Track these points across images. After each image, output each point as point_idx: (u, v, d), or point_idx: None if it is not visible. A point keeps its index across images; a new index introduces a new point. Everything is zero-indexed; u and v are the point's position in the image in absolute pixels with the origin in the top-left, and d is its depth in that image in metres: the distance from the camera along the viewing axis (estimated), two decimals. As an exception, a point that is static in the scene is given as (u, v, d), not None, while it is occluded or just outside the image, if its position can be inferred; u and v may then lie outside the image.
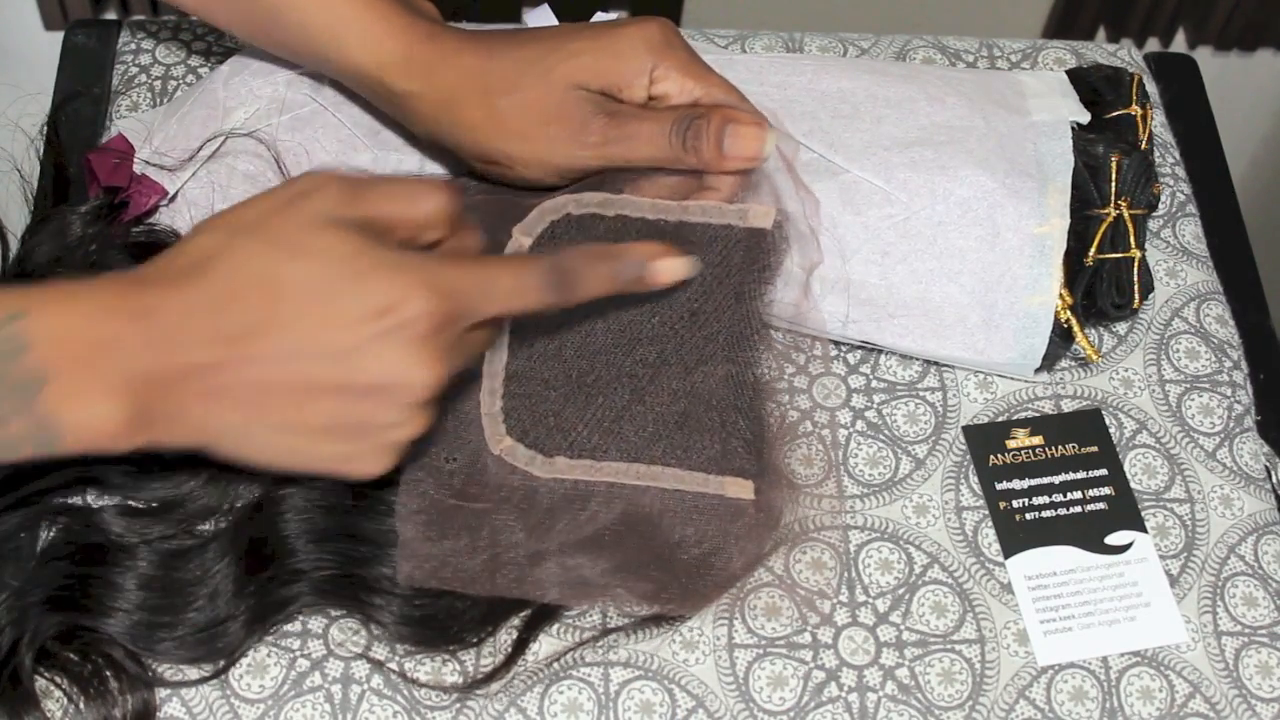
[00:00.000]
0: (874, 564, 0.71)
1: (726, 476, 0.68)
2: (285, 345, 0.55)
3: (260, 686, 0.65)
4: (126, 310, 0.55)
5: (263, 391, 0.56)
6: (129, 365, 0.55)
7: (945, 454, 0.74)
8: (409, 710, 0.65)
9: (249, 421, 0.57)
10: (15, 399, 0.54)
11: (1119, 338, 0.78)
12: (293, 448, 0.58)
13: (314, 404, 0.57)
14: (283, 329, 0.55)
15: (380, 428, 0.58)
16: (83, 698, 0.63)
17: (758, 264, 0.69)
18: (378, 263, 0.56)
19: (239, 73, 0.78)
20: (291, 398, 0.56)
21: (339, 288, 0.56)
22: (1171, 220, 0.82)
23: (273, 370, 0.56)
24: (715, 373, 0.69)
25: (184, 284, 0.56)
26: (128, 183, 0.75)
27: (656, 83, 0.69)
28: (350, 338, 0.56)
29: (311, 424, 0.57)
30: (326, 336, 0.56)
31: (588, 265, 0.63)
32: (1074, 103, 0.79)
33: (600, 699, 0.66)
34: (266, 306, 0.55)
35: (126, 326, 0.55)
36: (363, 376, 0.56)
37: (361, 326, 0.55)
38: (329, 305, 0.55)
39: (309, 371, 0.56)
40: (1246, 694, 0.68)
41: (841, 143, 0.75)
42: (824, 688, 0.67)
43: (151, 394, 0.56)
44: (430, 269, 0.57)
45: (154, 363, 0.55)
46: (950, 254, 0.74)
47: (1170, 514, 0.73)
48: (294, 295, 0.56)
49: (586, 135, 0.68)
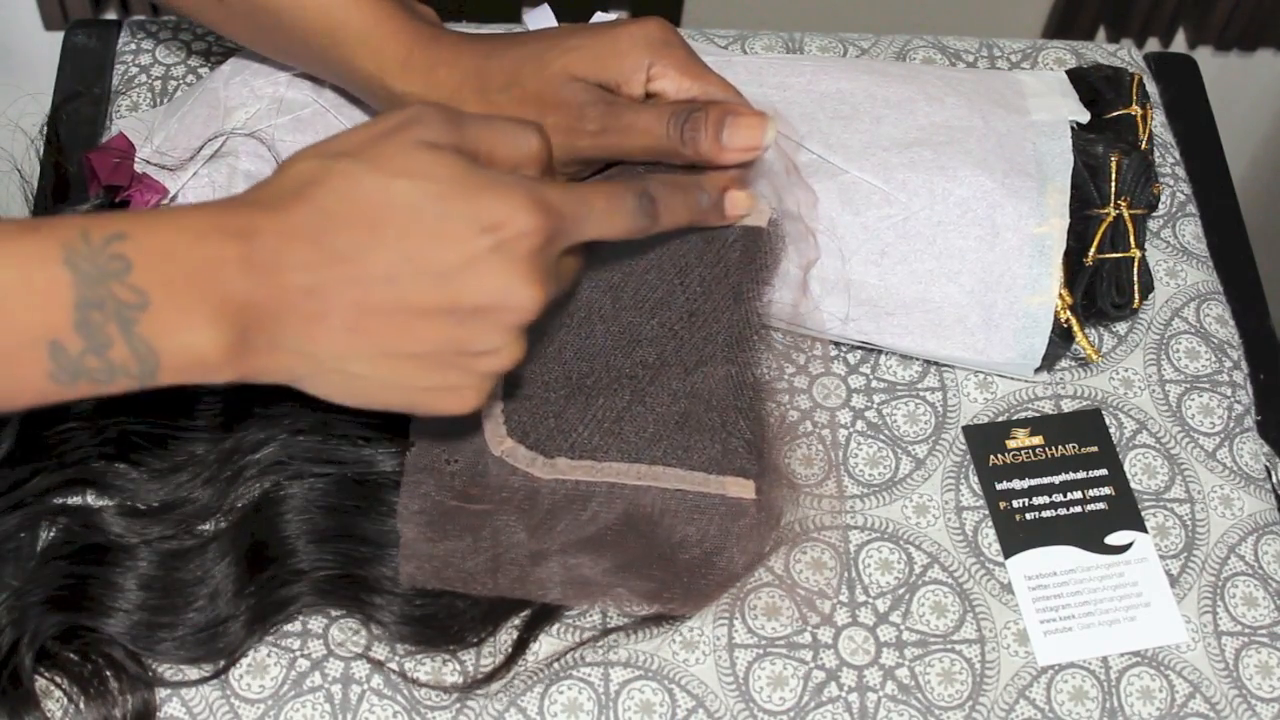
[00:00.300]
0: (874, 564, 0.71)
1: (727, 476, 0.68)
2: (389, 265, 0.54)
3: (260, 686, 0.65)
4: (228, 231, 0.54)
5: (365, 314, 0.55)
6: (230, 287, 0.54)
7: (945, 454, 0.74)
8: (409, 710, 0.65)
9: (350, 349, 0.56)
10: (119, 321, 0.53)
11: (1119, 338, 0.78)
12: (390, 379, 0.57)
13: (417, 327, 0.56)
14: (387, 248, 0.54)
15: (480, 355, 0.57)
16: (83, 697, 0.63)
17: (755, 263, 0.69)
18: (483, 181, 0.56)
19: (240, 73, 0.78)
20: (394, 320, 0.55)
21: (444, 206, 0.55)
22: (1171, 220, 0.82)
23: (376, 292, 0.55)
24: (715, 373, 0.69)
25: (286, 206, 0.55)
26: (128, 182, 0.75)
27: (654, 80, 0.69)
28: (456, 255, 0.55)
29: (413, 349, 0.56)
30: (432, 254, 0.55)
31: (672, 194, 0.64)
32: (1074, 102, 0.79)
33: (600, 699, 0.66)
34: (370, 227, 0.55)
35: (228, 247, 0.54)
36: (469, 295, 0.55)
37: (467, 243, 0.55)
38: (435, 223, 0.55)
39: (413, 292, 0.55)
40: (1246, 694, 0.68)
41: (840, 143, 0.75)
42: (824, 688, 0.67)
43: (252, 318, 0.54)
44: (533, 187, 0.57)
45: (255, 284, 0.54)
46: (950, 254, 0.74)
47: (1170, 514, 0.73)
48: (398, 214, 0.55)
49: (583, 124, 0.68)
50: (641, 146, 0.68)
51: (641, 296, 0.70)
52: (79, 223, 0.53)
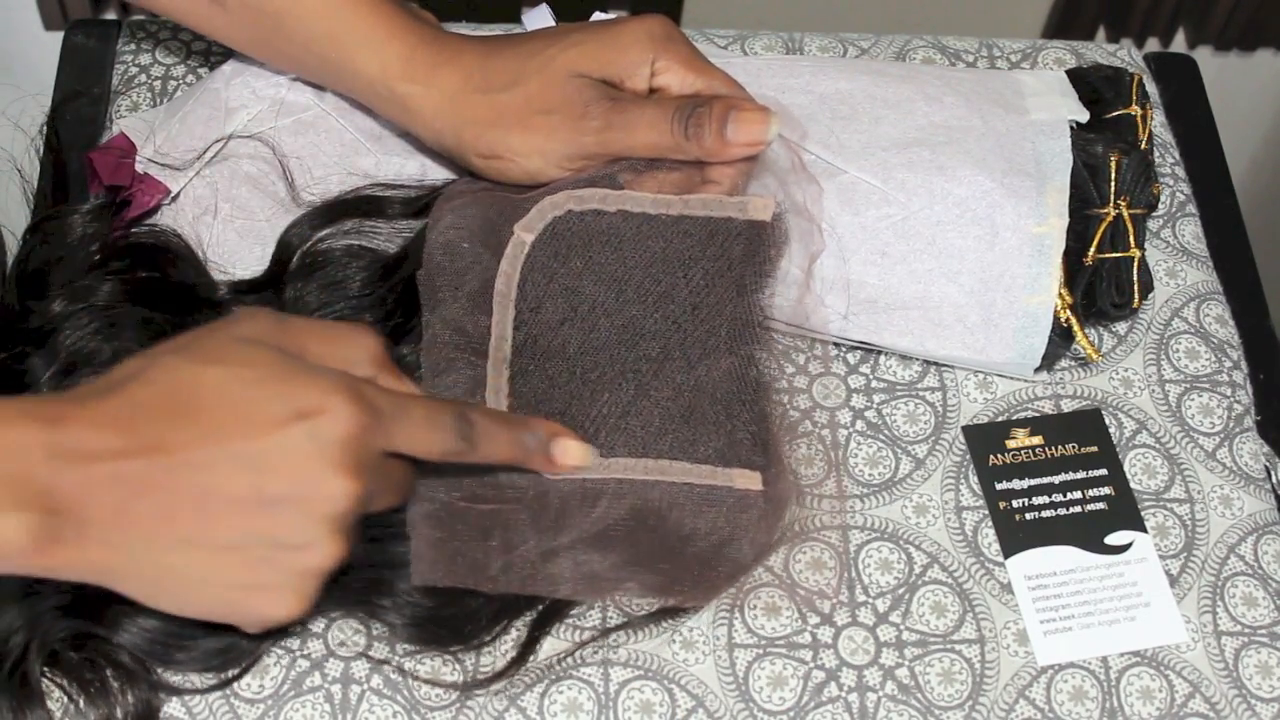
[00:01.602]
0: (874, 564, 0.71)
1: (734, 469, 0.68)
2: (196, 451, 0.54)
3: (260, 686, 0.65)
4: (36, 416, 0.53)
5: (173, 501, 0.54)
6: (34, 473, 0.53)
7: (945, 454, 0.74)
8: (409, 710, 0.65)
9: (158, 538, 0.54)
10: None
11: (1119, 337, 0.78)
12: (204, 575, 0.55)
13: (226, 515, 0.54)
14: (195, 434, 0.54)
15: (293, 549, 0.55)
16: (83, 696, 0.63)
17: (758, 257, 0.69)
18: (299, 369, 0.55)
19: (241, 73, 0.78)
20: (203, 508, 0.54)
21: (257, 390, 0.54)
22: (1171, 220, 0.82)
23: (184, 478, 0.54)
24: (719, 366, 0.69)
25: (99, 397, 0.54)
26: (130, 182, 0.75)
27: (658, 74, 0.69)
28: (266, 440, 0.54)
29: (219, 540, 0.55)
30: (242, 440, 0.54)
31: (493, 425, 0.62)
32: (1073, 102, 0.78)
33: (600, 699, 0.66)
34: (180, 412, 0.54)
35: (34, 433, 0.53)
36: (276, 483, 0.54)
37: (277, 429, 0.54)
38: (246, 408, 0.54)
39: (222, 478, 0.54)
40: (1246, 694, 0.68)
41: (840, 143, 0.75)
42: (824, 688, 0.67)
43: (58, 505, 0.53)
44: (351, 379, 0.56)
45: (60, 471, 0.53)
46: (949, 254, 0.74)
47: (1170, 514, 0.73)
48: (209, 399, 0.54)
49: (587, 120, 0.68)
50: (645, 143, 0.68)
51: (645, 290, 0.70)
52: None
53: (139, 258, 0.71)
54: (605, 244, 0.70)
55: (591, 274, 0.70)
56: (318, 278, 0.71)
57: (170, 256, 0.72)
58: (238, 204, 0.75)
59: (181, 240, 0.73)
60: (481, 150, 0.70)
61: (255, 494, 0.54)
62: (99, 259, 0.71)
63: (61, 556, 0.54)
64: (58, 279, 0.71)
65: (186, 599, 0.57)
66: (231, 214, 0.75)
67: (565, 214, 0.70)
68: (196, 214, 0.75)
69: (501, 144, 0.69)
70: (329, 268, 0.72)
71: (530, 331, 0.70)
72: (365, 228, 0.74)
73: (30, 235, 0.73)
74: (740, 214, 0.69)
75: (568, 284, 0.70)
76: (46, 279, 0.71)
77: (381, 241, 0.74)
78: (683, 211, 0.70)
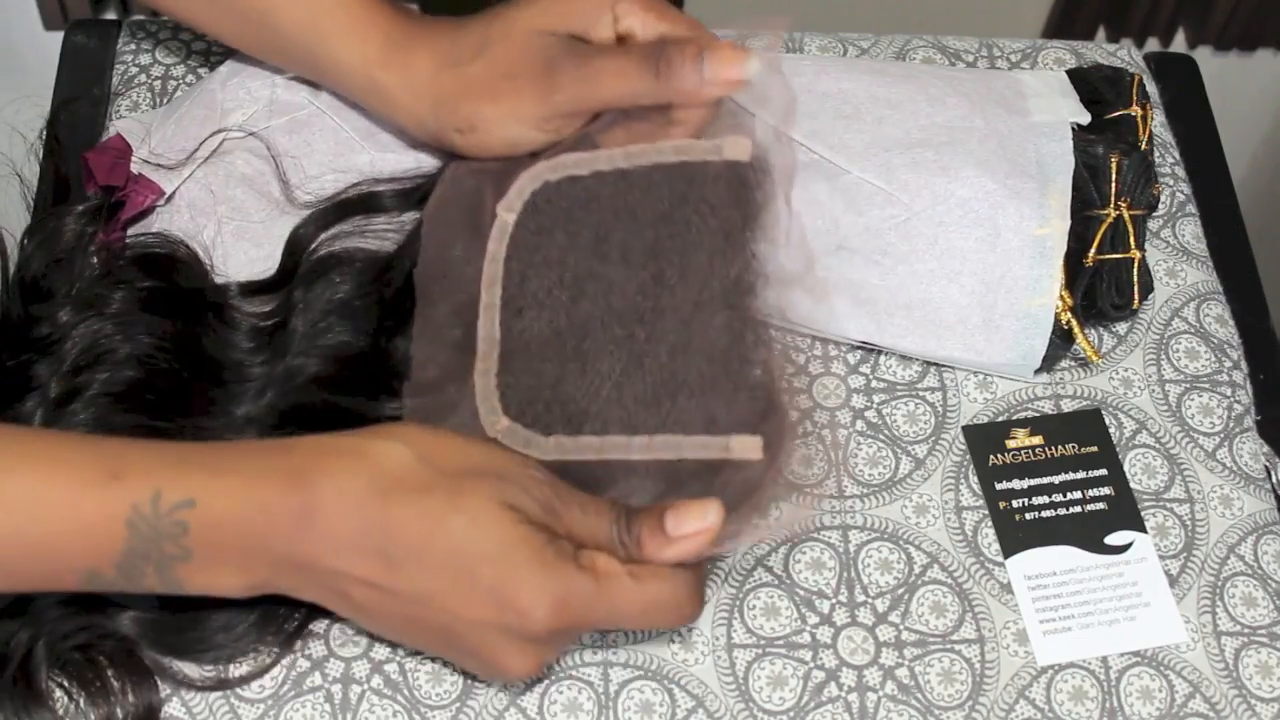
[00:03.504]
0: (874, 564, 0.71)
1: (732, 436, 0.64)
2: (420, 589, 0.59)
3: (260, 686, 0.65)
4: (287, 512, 0.58)
5: (379, 609, 0.60)
6: (271, 552, 0.59)
7: (945, 454, 0.74)
8: (409, 710, 0.65)
9: (362, 616, 0.62)
10: (158, 567, 0.58)
11: (1119, 338, 0.78)
12: (402, 640, 0.65)
13: (421, 636, 0.62)
14: (418, 573, 0.59)
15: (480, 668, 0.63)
16: (83, 695, 0.63)
17: (741, 198, 0.66)
18: (528, 561, 0.58)
19: (237, 74, 0.78)
20: (403, 622, 0.61)
21: (482, 568, 0.58)
22: (1171, 220, 0.82)
23: (392, 603, 0.60)
24: (714, 321, 0.65)
25: (350, 495, 0.59)
26: (124, 182, 0.75)
27: (621, 20, 0.67)
28: (472, 613, 0.59)
29: (417, 640, 0.63)
30: (453, 599, 0.59)
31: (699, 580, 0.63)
32: (1074, 103, 0.79)
33: (600, 699, 0.66)
34: (415, 549, 0.58)
35: (283, 525, 0.58)
36: (468, 643, 0.60)
37: (484, 608, 0.58)
38: (467, 577, 0.58)
39: (426, 616, 0.60)
40: (1246, 694, 0.68)
41: (842, 144, 0.75)
42: (824, 688, 0.67)
43: (281, 573, 0.60)
44: (566, 582, 0.59)
45: (294, 554, 0.59)
46: (951, 255, 0.74)
47: (1170, 514, 0.73)
48: (442, 551, 0.58)
49: (554, 77, 0.66)
50: (617, 91, 0.66)
51: (629, 249, 0.67)
52: (157, 481, 0.57)
53: (146, 266, 0.71)
54: (585, 209, 0.68)
55: (575, 243, 0.68)
56: (323, 283, 0.72)
57: (178, 265, 0.72)
58: (233, 204, 0.75)
59: (189, 248, 0.73)
60: (459, 125, 0.69)
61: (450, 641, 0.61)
62: (103, 268, 0.71)
63: (269, 592, 0.61)
64: (58, 282, 0.71)
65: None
66: (227, 215, 0.75)
67: (542, 186, 0.68)
68: (192, 214, 0.75)
69: (476, 115, 0.68)
70: (333, 273, 0.72)
71: (517, 308, 0.67)
72: (368, 226, 0.74)
73: (28, 238, 0.73)
74: (716, 156, 0.66)
75: (552, 257, 0.68)
76: (46, 282, 0.71)
77: (385, 239, 0.74)
78: (656, 160, 0.67)
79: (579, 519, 0.61)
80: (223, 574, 0.59)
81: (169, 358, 0.69)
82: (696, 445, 0.64)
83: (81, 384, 0.68)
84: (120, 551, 0.57)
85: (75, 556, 0.57)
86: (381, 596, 0.59)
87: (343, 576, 0.59)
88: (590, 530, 0.60)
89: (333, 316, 0.71)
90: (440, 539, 0.58)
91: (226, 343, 0.71)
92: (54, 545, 0.57)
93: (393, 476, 0.59)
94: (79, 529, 0.57)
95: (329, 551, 0.59)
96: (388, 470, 0.59)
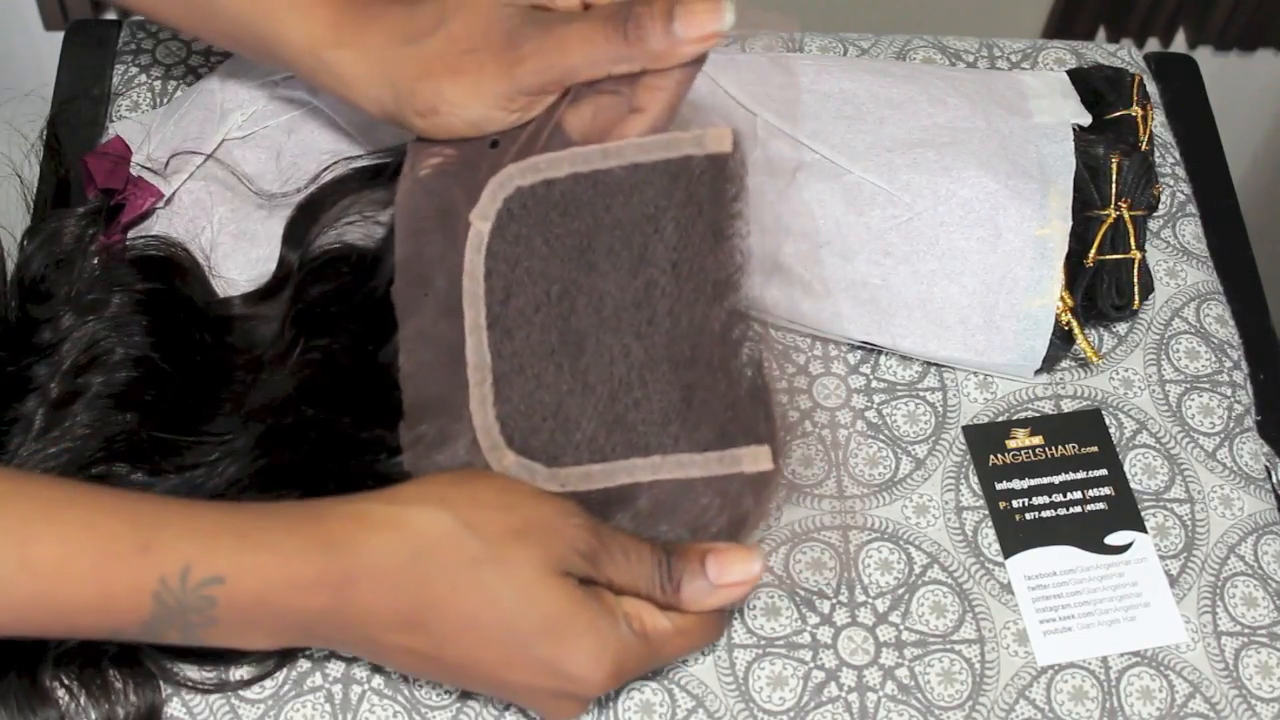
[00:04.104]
0: (874, 564, 0.71)
1: (741, 449, 0.62)
2: (462, 656, 0.58)
3: (261, 686, 0.65)
4: (322, 588, 0.57)
5: (421, 668, 0.60)
6: (302, 624, 0.58)
7: (945, 454, 0.74)
8: (409, 710, 0.65)
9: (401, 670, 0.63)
10: (183, 632, 0.57)
11: (1119, 338, 0.78)
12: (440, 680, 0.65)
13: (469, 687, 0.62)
14: (467, 645, 0.58)
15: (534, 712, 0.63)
16: (84, 694, 0.63)
17: (727, 194, 0.62)
18: (578, 630, 0.57)
19: (235, 74, 0.78)
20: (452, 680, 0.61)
21: (535, 641, 0.57)
22: (1171, 220, 0.82)
23: (438, 667, 0.59)
24: (710, 326, 0.63)
25: (390, 572, 0.57)
26: (124, 185, 0.75)
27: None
28: (526, 680, 0.58)
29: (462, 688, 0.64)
30: (505, 669, 0.58)
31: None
32: (1075, 104, 0.79)
33: (600, 699, 0.66)
34: (463, 623, 0.57)
35: (317, 601, 0.57)
36: (519, 700, 0.60)
37: (540, 678, 0.58)
38: (520, 651, 0.57)
39: (475, 677, 0.59)
40: (1246, 694, 0.68)
41: (845, 144, 0.75)
42: (824, 688, 0.67)
43: (313, 637, 0.59)
44: (620, 648, 0.58)
45: (329, 623, 0.58)
46: (952, 255, 0.74)
47: (1170, 514, 0.73)
48: (492, 624, 0.57)
49: (517, 50, 0.61)
50: (585, 59, 0.61)
51: (617, 256, 0.63)
52: (187, 554, 0.55)
53: (145, 269, 0.71)
54: (564, 215, 0.64)
55: (558, 253, 0.64)
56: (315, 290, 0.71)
57: (176, 268, 0.72)
58: (232, 206, 0.75)
59: (188, 254, 0.73)
60: (419, 107, 0.64)
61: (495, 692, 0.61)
62: (102, 270, 0.71)
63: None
64: (57, 284, 0.71)
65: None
66: (226, 216, 0.75)
67: (515, 191, 0.64)
68: (191, 216, 0.75)
69: (436, 96, 0.63)
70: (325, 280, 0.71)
71: (506, 329, 0.64)
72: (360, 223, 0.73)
73: (27, 240, 0.73)
74: (699, 149, 0.62)
75: (535, 269, 0.64)
76: (46, 285, 0.71)
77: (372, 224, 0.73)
78: (636, 159, 0.63)
79: (622, 565, 0.59)
80: (249, 638, 0.58)
81: (166, 360, 0.69)
82: (708, 462, 0.62)
83: (81, 385, 0.68)
84: (144, 620, 0.56)
85: (99, 620, 0.56)
86: (425, 662, 0.59)
87: (382, 645, 0.58)
88: (633, 577, 0.59)
89: (324, 325, 0.71)
90: (490, 613, 0.57)
91: (222, 349, 0.71)
92: (78, 610, 0.56)
93: (433, 550, 0.57)
94: (104, 598, 0.55)
95: (367, 624, 0.57)
96: (429, 543, 0.57)
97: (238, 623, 0.57)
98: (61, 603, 0.55)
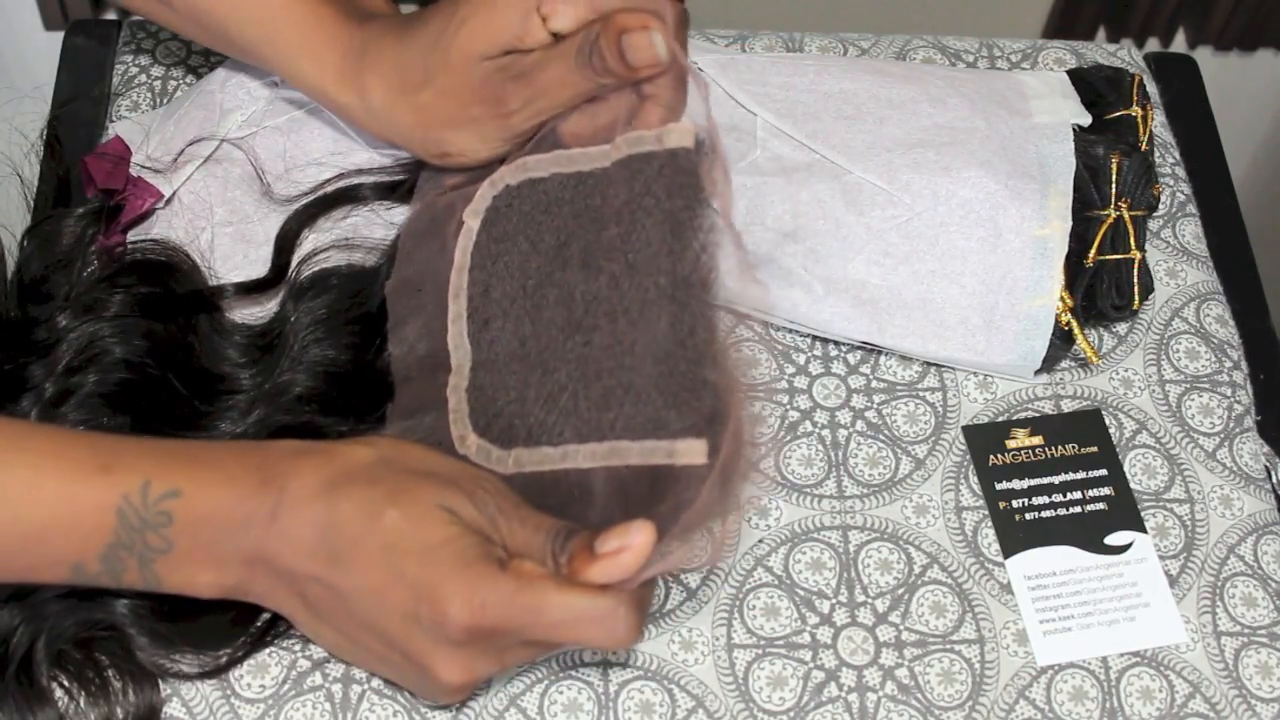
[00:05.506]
0: (873, 564, 0.71)
1: (678, 441, 0.61)
2: (358, 584, 0.60)
3: (260, 686, 0.65)
4: (259, 509, 0.60)
5: (330, 610, 0.62)
6: (243, 551, 0.60)
7: (945, 454, 0.74)
8: (409, 710, 0.65)
9: (319, 622, 0.63)
10: (140, 560, 0.60)
11: (1119, 338, 0.78)
12: (354, 655, 0.64)
13: (365, 639, 0.62)
14: (356, 568, 0.60)
15: (419, 682, 0.63)
16: (83, 694, 0.63)
17: (685, 188, 0.63)
18: (451, 560, 0.59)
19: (236, 74, 0.78)
20: (349, 624, 0.62)
21: (407, 562, 0.59)
22: (1171, 220, 0.82)
23: (337, 601, 0.61)
24: (660, 321, 0.62)
25: (308, 491, 0.60)
26: (124, 185, 0.75)
27: (549, 19, 0.65)
28: (397, 606, 0.59)
29: (365, 651, 0.63)
30: (383, 596, 0.60)
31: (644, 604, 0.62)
32: (1075, 104, 0.79)
33: (600, 699, 0.66)
34: (354, 542, 0.60)
35: (255, 522, 0.60)
36: (400, 645, 0.61)
37: (406, 602, 0.59)
38: (394, 572, 0.59)
39: (365, 614, 0.61)
40: (1246, 694, 0.68)
41: (845, 144, 0.75)
42: (824, 688, 0.67)
43: (253, 574, 0.61)
44: (496, 599, 0.58)
45: (262, 553, 0.60)
46: (952, 255, 0.74)
47: (1170, 514, 0.73)
48: (376, 545, 0.59)
49: (506, 105, 0.66)
50: (568, 97, 0.66)
51: (589, 253, 0.65)
52: (146, 472, 0.59)
53: (144, 272, 0.71)
54: (545, 213, 0.67)
55: (538, 249, 0.67)
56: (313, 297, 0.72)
57: (175, 271, 0.72)
58: (232, 207, 0.75)
59: (188, 257, 0.73)
60: (431, 152, 0.70)
61: (388, 640, 0.61)
62: (101, 271, 0.71)
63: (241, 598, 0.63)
64: (57, 285, 0.71)
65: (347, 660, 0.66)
66: (226, 217, 0.75)
67: (503, 190, 0.68)
68: (191, 217, 0.75)
69: (444, 144, 0.69)
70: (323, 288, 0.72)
71: (484, 319, 0.67)
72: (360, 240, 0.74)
73: (27, 240, 0.73)
74: (658, 145, 0.63)
75: (514, 264, 0.67)
76: (46, 285, 0.71)
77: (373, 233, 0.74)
78: (612, 158, 0.65)
79: (517, 530, 0.61)
80: (199, 570, 0.60)
81: (162, 364, 0.69)
82: (641, 451, 0.62)
83: (75, 384, 0.68)
84: (107, 544, 0.59)
85: (64, 547, 0.59)
86: (329, 596, 0.60)
87: (299, 577, 0.60)
88: (526, 543, 0.61)
89: (321, 332, 0.71)
90: (376, 533, 0.59)
91: (219, 353, 0.71)
92: (45, 535, 0.58)
93: (350, 478, 0.60)
94: (71, 518, 0.58)
95: (288, 550, 0.60)
96: (348, 472, 0.61)
97: (188, 550, 0.59)
98: (30, 527, 0.58)
